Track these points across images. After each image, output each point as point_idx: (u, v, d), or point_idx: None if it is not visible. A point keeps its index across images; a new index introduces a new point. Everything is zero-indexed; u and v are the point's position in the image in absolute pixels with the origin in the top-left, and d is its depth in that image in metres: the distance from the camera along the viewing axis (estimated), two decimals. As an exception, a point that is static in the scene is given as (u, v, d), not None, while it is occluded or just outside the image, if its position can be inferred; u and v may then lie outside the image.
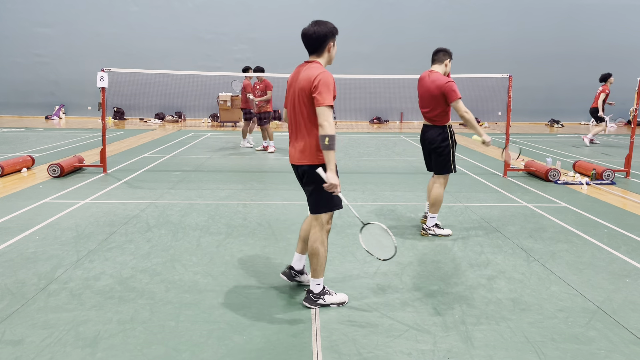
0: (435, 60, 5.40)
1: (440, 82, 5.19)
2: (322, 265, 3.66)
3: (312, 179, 3.58)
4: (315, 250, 3.63)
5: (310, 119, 3.56)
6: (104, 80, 8.45)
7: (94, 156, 10.46)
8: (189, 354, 3.01)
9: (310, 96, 3.50)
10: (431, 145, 5.39)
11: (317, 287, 3.68)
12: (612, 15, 22.29)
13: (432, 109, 5.30)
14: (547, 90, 22.43)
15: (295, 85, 3.61)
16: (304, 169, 3.62)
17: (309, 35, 3.60)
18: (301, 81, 3.55)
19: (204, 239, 5.22)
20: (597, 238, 5.38)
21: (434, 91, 5.22)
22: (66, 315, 3.46)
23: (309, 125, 3.57)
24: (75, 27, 21.40)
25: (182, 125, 19.82)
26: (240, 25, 21.75)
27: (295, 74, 3.68)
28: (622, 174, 9.12)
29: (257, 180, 8.31)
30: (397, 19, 21.83)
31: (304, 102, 3.54)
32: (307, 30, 3.63)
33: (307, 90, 3.50)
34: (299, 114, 3.60)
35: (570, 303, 3.78)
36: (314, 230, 3.67)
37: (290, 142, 3.74)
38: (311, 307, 3.67)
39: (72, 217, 5.93)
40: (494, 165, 10.25)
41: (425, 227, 5.45)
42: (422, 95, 5.39)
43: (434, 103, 5.27)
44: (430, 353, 3.06)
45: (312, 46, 3.63)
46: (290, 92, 3.70)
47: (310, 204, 3.70)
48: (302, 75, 3.57)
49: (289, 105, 3.73)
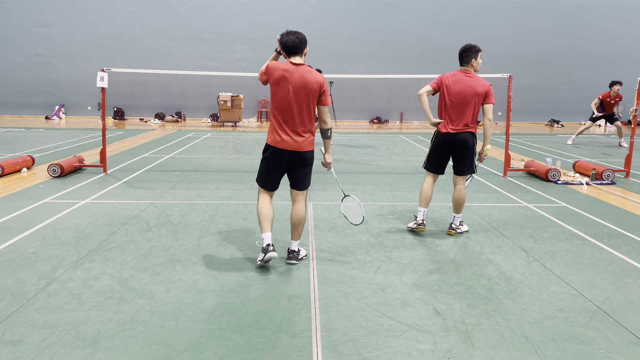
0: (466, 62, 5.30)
1: (486, 83, 5.24)
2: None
3: (309, 162, 4.47)
4: (304, 219, 4.53)
5: (312, 114, 4.37)
6: (104, 80, 8.45)
7: (94, 156, 10.46)
8: (189, 354, 3.01)
9: (318, 97, 4.34)
10: (466, 147, 5.29)
11: (296, 247, 4.60)
12: (612, 15, 22.29)
13: (474, 111, 5.23)
14: (547, 90, 22.43)
15: (299, 85, 4.25)
16: (306, 155, 4.40)
17: (293, 41, 4.29)
18: (310, 82, 4.27)
19: (204, 239, 5.22)
20: (597, 238, 5.38)
21: (480, 92, 5.20)
22: (66, 315, 3.46)
23: (311, 119, 4.38)
24: (75, 27, 21.40)
25: (182, 125, 19.82)
26: (240, 25, 21.76)
27: (290, 74, 4.26)
28: (622, 174, 9.12)
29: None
30: (397, 19, 21.83)
31: (312, 100, 4.32)
32: (288, 38, 4.30)
33: (317, 92, 4.31)
34: (303, 109, 4.31)
35: (570, 303, 3.79)
36: (300, 203, 4.53)
37: (291, 133, 4.34)
38: (296, 262, 4.53)
39: (72, 217, 5.93)
40: (494, 165, 10.25)
41: (456, 225, 5.47)
42: (464, 96, 5.20)
43: (476, 104, 5.22)
44: (430, 353, 3.06)
45: (299, 49, 4.32)
46: (290, 90, 4.26)
47: (301, 183, 4.51)
48: (309, 77, 4.27)
49: (288, 102, 4.29)
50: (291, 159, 4.40)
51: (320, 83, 4.29)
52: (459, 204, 5.42)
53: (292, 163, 4.41)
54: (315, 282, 4.11)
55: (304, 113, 4.31)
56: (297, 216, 4.51)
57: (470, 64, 5.27)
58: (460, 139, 5.26)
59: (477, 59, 5.23)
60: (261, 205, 4.50)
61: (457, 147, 5.31)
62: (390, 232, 5.56)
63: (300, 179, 4.50)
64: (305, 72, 4.27)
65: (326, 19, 21.66)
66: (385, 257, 4.73)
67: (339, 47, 21.48)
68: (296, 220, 4.52)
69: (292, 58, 4.31)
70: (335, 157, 11.25)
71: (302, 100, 4.27)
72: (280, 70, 4.26)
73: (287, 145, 4.33)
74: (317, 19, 21.52)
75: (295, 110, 4.29)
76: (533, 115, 22.59)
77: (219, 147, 12.76)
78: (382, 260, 4.66)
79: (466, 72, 5.27)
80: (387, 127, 20.23)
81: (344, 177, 8.74)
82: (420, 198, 5.48)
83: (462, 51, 5.30)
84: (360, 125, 20.70)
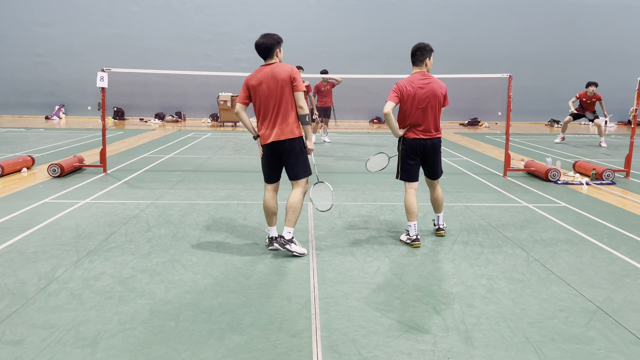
0: (421, 60, 5.10)
1: (443, 85, 5.12)
2: (297, 218, 4.74)
3: (296, 151, 4.65)
4: (296, 206, 4.70)
5: (290, 103, 4.60)
6: (104, 80, 8.45)
7: (94, 156, 10.46)
8: (189, 354, 3.01)
9: (290, 85, 4.56)
10: (436, 151, 5.18)
11: (288, 235, 4.68)
12: (612, 15, 22.29)
13: (438, 116, 5.12)
14: (547, 90, 22.41)
15: (271, 79, 4.55)
16: (290, 144, 4.60)
17: (261, 45, 4.65)
18: (279, 74, 4.55)
19: (204, 239, 5.22)
20: (597, 238, 5.38)
21: (441, 94, 5.08)
22: (66, 315, 3.46)
23: (289, 109, 4.60)
24: (75, 27, 21.40)
25: (182, 125, 19.83)
26: (240, 25, 21.75)
27: (264, 74, 4.59)
28: (622, 174, 9.12)
29: (257, 180, 8.30)
30: (397, 19, 21.83)
31: (287, 90, 4.56)
32: (258, 41, 4.68)
33: (288, 81, 4.55)
34: (279, 101, 4.57)
35: (570, 303, 3.78)
36: (294, 191, 4.74)
37: (271, 126, 4.61)
38: (279, 248, 4.71)
39: (72, 217, 5.93)
40: (494, 165, 10.25)
41: (443, 226, 5.48)
42: (428, 101, 5.01)
43: (438, 107, 5.09)
44: (430, 353, 3.06)
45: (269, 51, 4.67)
46: (264, 88, 4.58)
47: (294, 172, 4.71)
48: (278, 70, 4.57)
49: (266, 98, 4.59)
50: (277, 150, 4.67)
51: (289, 72, 4.56)
52: (439, 203, 5.43)
53: (280, 153, 4.68)
54: (315, 282, 4.11)
55: (280, 105, 4.58)
56: (289, 201, 4.73)
57: (424, 64, 5.07)
58: (430, 143, 5.09)
59: (430, 59, 5.08)
60: (264, 200, 4.86)
61: (427, 152, 5.13)
62: (390, 232, 5.56)
63: (290, 168, 4.73)
64: (275, 67, 4.61)
65: (326, 19, 21.65)
66: (385, 257, 4.73)
67: (339, 47, 21.48)
68: (287, 205, 4.74)
69: (266, 60, 4.71)
70: (336, 156, 11.26)
71: (275, 92, 4.56)
72: (254, 78, 4.66)
73: (269, 137, 4.63)
74: (317, 19, 21.53)
75: (271, 103, 4.60)
76: (533, 115, 22.58)
77: (219, 147, 12.76)
78: (382, 260, 4.66)
79: (423, 75, 5.06)
80: (387, 127, 20.20)
81: (344, 176, 8.74)
82: (407, 212, 5.12)
83: (415, 50, 5.08)
84: (360, 125, 20.70)
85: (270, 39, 4.67)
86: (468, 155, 11.74)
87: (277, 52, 4.70)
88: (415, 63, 5.11)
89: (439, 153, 5.24)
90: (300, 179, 4.74)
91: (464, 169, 9.74)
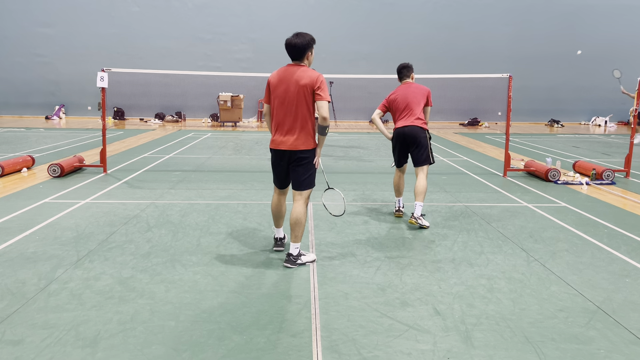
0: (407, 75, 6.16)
1: (426, 87, 6.09)
2: (303, 232, 4.51)
3: (307, 162, 4.42)
4: (301, 220, 4.44)
5: (309, 112, 4.36)
6: (104, 80, 8.45)
7: (94, 156, 10.46)
8: (189, 354, 3.01)
9: (312, 93, 4.29)
10: (416, 138, 5.86)
11: (295, 250, 4.46)
12: (612, 15, 22.30)
13: (417, 109, 5.96)
14: (547, 90, 22.43)
15: (293, 83, 4.30)
16: (302, 154, 4.38)
17: (293, 45, 4.34)
18: (302, 79, 4.28)
19: (204, 239, 5.22)
20: (597, 238, 5.38)
21: (424, 93, 6.04)
22: (66, 315, 3.46)
23: (307, 118, 4.37)
24: (75, 27, 21.40)
25: (182, 125, 19.83)
26: (240, 25, 21.76)
27: (286, 75, 4.35)
28: (622, 174, 9.12)
29: (257, 180, 8.31)
30: (397, 19, 21.83)
31: (306, 97, 4.30)
32: (290, 40, 4.36)
33: (310, 88, 4.28)
34: (297, 108, 4.32)
35: (570, 303, 3.78)
36: (297, 203, 4.47)
37: (285, 133, 4.39)
38: (292, 267, 4.42)
39: (72, 217, 5.93)
40: (494, 165, 10.25)
41: (417, 215, 5.64)
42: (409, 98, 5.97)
43: (420, 103, 5.99)
44: (430, 353, 3.06)
45: (297, 54, 4.37)
46: (282, 90, 4.34)
47: (297, 182, 4.47)
48: (302, 75, 4.30)
49: (281, 101, 4.36)
50: (288, 158, 4.46)
51: (314, 79, 4.28)
52: (418, 191, 5.76)
53: (289, 162, 4.47)
54: (315, 282, 4.11)
55: (297, 112, 4.33)
56: (293, 216, 4.46)
57: (410, 77, 6.13)
58: (408, 131, 5.87)
59: (413, 73, 6.16)
60: (272, 203, 4.79)
61: (408, 140, 5.90)
62: (390, 232, 5.57)
63: (295, 178, 4.49)
64: (300, 71, 4.34)
65: (326, 19, 21.65)
66: (385, 257, 4.73)
67: (339, 47, 21.47)
68: (292, 221, 4.47)
69: (294, 61, 4.45)
70: (336, 156, 11.26)
71: (295, 98, 4.31)
72: (276, 76, 4.44)
73: (282, 145, 4.43)
74: (317, 19, 21.52)
75: (287, 108, 4.36)
76: (533, 115, 22.58)
77: (219, 147, 12.76)
78: (382, 260, 4.66)
79: (408, 84, 6.09)
80: (387, 127, 20.20)
81: (344, 176, 8.75)
82: (394, 190, 6.30)
83: (401, 68, 6.13)
84: (360, 125, 20.70)
85: (304, 40, 4.33)
86: (468, 155, 11.74)
87: (309, 54, 4.40)
88: (402, 78, 6.15)
89: (419, 139, 5.85)
90: (305, 190, 4.48)
91: (464, 169, 9.74)
